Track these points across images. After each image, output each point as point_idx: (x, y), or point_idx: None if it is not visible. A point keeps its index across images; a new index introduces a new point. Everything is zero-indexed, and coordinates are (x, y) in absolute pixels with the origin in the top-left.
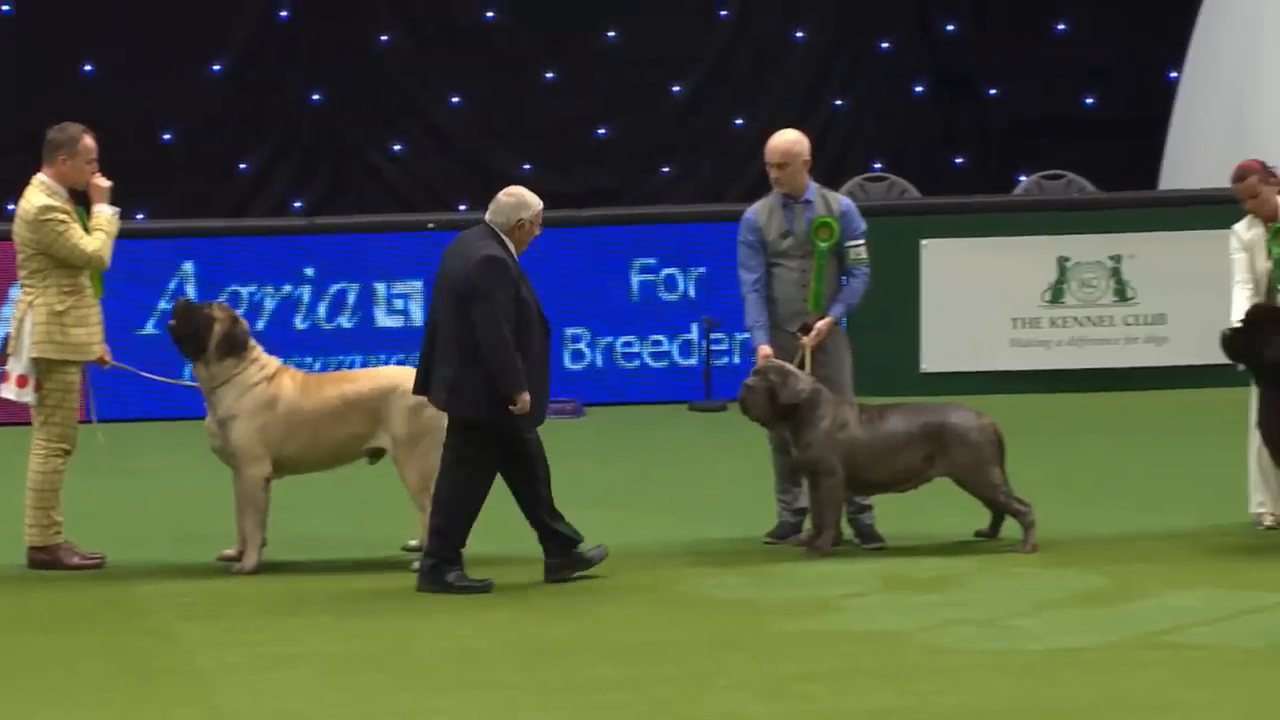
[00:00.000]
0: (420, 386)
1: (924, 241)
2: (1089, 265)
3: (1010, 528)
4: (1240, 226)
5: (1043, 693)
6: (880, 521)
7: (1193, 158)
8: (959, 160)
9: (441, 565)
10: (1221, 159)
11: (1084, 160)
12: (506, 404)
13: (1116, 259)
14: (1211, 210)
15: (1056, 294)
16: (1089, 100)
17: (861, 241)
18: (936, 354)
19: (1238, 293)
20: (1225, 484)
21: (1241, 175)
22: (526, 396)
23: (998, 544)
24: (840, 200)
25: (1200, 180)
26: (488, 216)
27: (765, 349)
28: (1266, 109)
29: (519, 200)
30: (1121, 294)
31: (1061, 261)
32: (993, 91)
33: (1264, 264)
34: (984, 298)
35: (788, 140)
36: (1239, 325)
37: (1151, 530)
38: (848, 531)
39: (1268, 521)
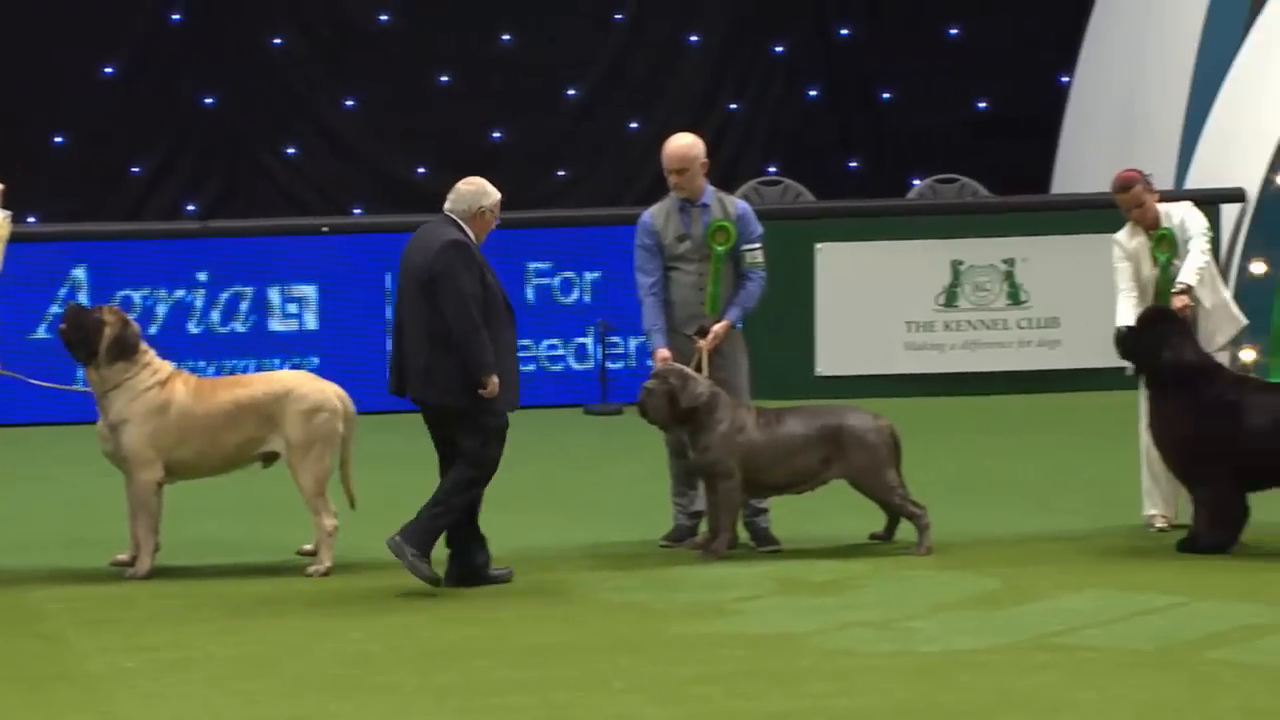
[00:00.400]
0: (395, 385)
1: (818, 245)
2: (982, 269)
3: (905, 530)
4: (1122, 235)
5: (937, 694)
6: (776, 524)
7: (1085, 161)
8: (853, 164)
9: (422, 536)
10: (1113, 163)
11: (977, 164)
12: (478, 388)
13: (1010, 262)
14: (1104, 214)
15: (950, 297)
16: (982, 104)
17: (758, 245)
18: (831, 357)
19: (1123, 301)
20: (1117, 486)
21: (1127, 185)
22: (496, 380)
23: (893, 546)
24: (737, 204)
25: (1092, 184)
26: (447, 206)
27: (663, 352)
28: (1156, 113)
29: (479, 189)
30: (1015, 297)
31: (955, 265)
32: (886, 96)
33: (1149, 271)
34: (878, 301)
35: (685, 144)
36: (1135, 326)
37: (1045, 532)
38: (743, 535)
39: (1159, 524)
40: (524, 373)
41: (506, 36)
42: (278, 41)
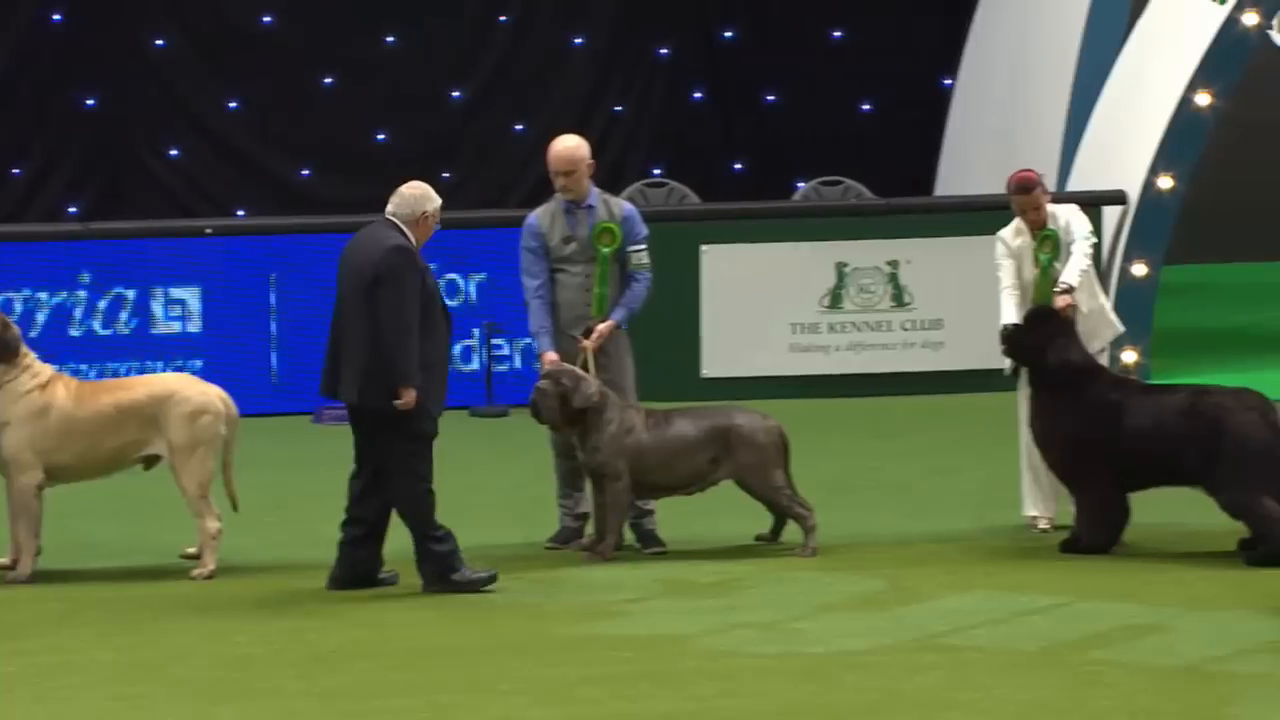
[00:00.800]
0: (329, 388)
1: (704, 247)
2: (867, 271)
3: (792, 531)
4: (1007, 233)
5: (823, 695)
6: (661, 526)
7: (968, 164)
8: (738, 166)
9: (438, 564)
10: (996, 165)
11: (861, 166)
12: (393, 395)
13: (894, 265)
14: (987, 216)
15: (835, 299)
16: (866, 107)
17: (643, 247)
18: (717, 359)
19: (1006, 298)
20: (1000, 488)
21: (1028, 187)
22: (412, 395)
23: (779, 547)
24: (622, 205)
25: (975, 186)
26: (389, 210)
27: (551, 355)
28: (1038, 115)
29: (423, 193)
30: (899, 299)
31: (840, 267)
32: (771, 98)
33: (1031, 272)
34: (764, 303)
35: (571, 147)
36: (1021, 325)
37: (929, 533)
38: (629, 536)
39: (1042, 525)
40: None
41: (390, 38)
42: (160, 43)
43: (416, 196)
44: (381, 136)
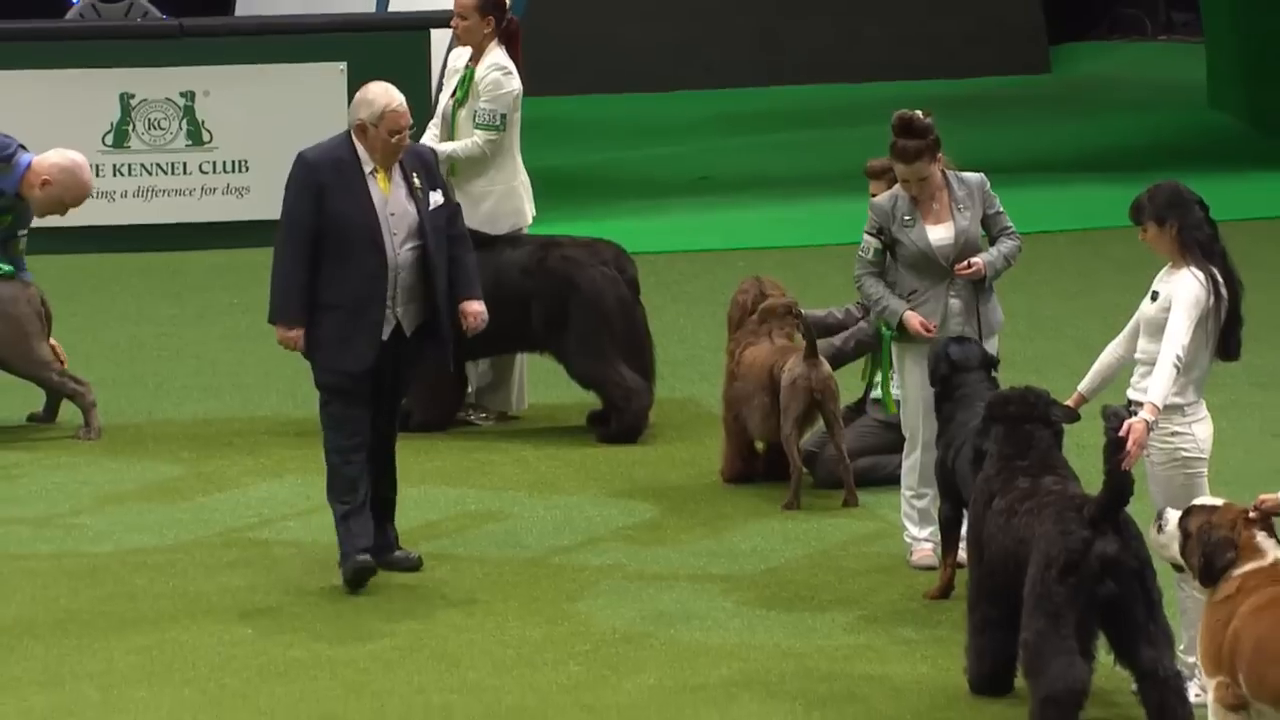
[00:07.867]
0: None
1: None
2: (157, 104)
3: (71, 411)
4: (457, 51)
5: (108, 602)
6: None
7: None
8: None
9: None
10: None
11: None
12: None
13: (189, 96)
14: (296, 41)
15: (119, 137)
16: None
17: None
18: None
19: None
20: None
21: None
22: (288, 334)
23: (55, 429)
24: None
25: (283, 5)
26: None
27: None
28: None
29: (359, 98)
30: (196, 137)
31: (125, 99)
32: None
33: (447, 100)
34: (32, 141)
35: None
36: None
37: (234, 412)
38: None
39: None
40: None
41: None
42: None
43: (352, 104)
44: None
